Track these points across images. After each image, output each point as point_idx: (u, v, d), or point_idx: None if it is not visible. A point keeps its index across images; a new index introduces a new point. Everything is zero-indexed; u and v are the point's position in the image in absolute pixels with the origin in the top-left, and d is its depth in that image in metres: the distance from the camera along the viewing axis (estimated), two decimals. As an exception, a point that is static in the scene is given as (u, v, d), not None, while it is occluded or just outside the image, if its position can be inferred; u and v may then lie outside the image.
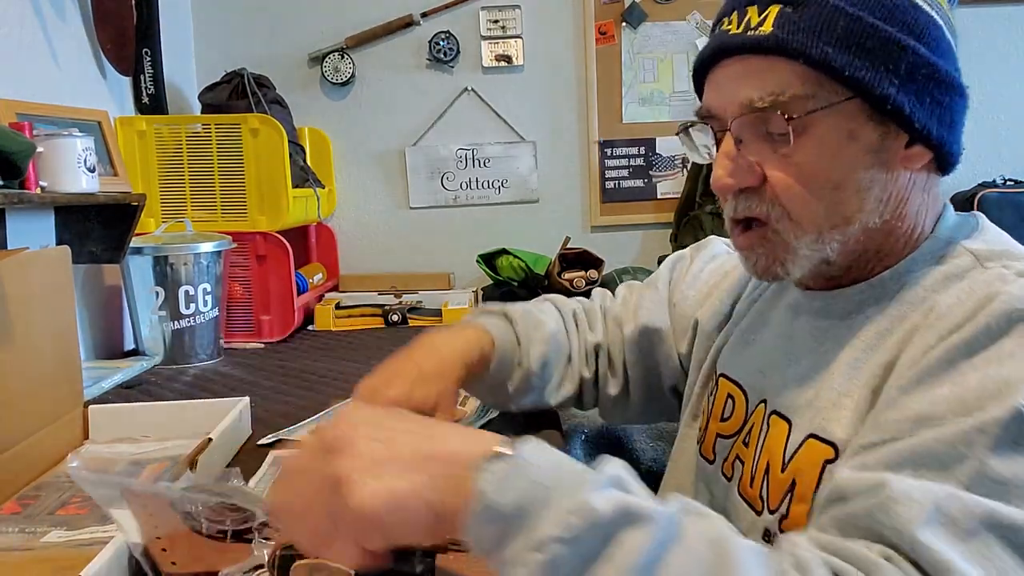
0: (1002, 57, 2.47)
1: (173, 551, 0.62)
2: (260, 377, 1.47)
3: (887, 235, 0.72)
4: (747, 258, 0.75)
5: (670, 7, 2.43)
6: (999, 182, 2.38)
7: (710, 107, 0.73)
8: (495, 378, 0.96)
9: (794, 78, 0.67)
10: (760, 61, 0.68)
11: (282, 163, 1.85)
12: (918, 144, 0.69)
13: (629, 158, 2.48)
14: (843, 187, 0.69)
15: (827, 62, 0.66)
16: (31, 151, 1.21)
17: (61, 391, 0.98)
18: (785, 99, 0.67)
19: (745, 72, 0.69)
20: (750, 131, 0.69)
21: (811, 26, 0.66)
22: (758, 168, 0.70)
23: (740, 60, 0.69)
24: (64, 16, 1.63)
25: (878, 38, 0.66)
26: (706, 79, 0.75)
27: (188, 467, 0.77)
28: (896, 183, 0.71)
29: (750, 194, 0.70)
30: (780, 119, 0.67)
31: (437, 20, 2.40)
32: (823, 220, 0.69)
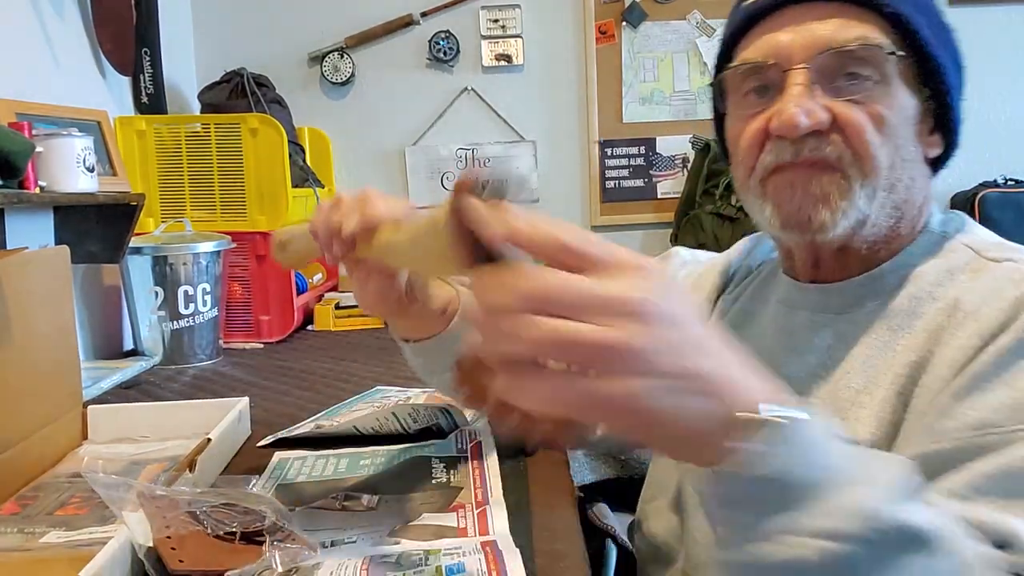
0: (1002, 57, 2.47)
1: (181, 549, 0.62)
2: (259, 377, 1.47)
3: (899, 218, 0.72)
4: (795, 196, 0.69)
5: (670, 6, 2.43)
6: (1000, 182, 2.39)
7: (778, 46, 0.69)
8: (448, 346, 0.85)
9: (875, 27, 0.68)
10: (841, 6, 0.68)
11: (282, 163, 1.85)
12: (938, 131, 0.72)
13: (629, 158, 2.48)
14: (900, 150, 0.69)
15: (908, 18, 0.67)
16: (30, 151, 1.20)
17: (60, 391, 0.97)
18: (872, 44, 0.67)
19: (825, 13, 0.68)
20: (825, 73, 0.67)
21: None
22: (829, 111, 0.67)
23: (817, 6, 0.68)
24: (64, 16, 1.62)
25: (936, 14, 0.70)
26: (755, 29, 0.72)
27: (187, 468, 0.77)
28: (917, 167, 0.71)
29: (819, 136, 0.67)
30: (862, 63, 0.67)
31: (437, 19, 2.39)
32: (885, 176, 0.68)
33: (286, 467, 0.90)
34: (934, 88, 0.69)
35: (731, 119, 0.75)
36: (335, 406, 1.15)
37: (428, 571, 0.62)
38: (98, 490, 0.65)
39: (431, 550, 0.65)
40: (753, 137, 0.71)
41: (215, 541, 0.62)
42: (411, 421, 0.98)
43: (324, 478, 0.86)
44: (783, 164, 0.69)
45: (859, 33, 0.67)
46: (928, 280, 0.70)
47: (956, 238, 0.72)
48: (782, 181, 0.70)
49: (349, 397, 1.20)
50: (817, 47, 0.67)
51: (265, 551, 0.62)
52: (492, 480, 0.82)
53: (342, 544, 0.68)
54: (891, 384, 0.66)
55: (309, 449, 0.96)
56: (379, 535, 0.70)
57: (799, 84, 0.67)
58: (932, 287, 0.69)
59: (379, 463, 0.90)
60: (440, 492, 0.81)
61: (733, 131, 0.75)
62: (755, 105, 0.71)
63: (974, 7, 2.44)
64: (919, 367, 0.65)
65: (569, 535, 0.72)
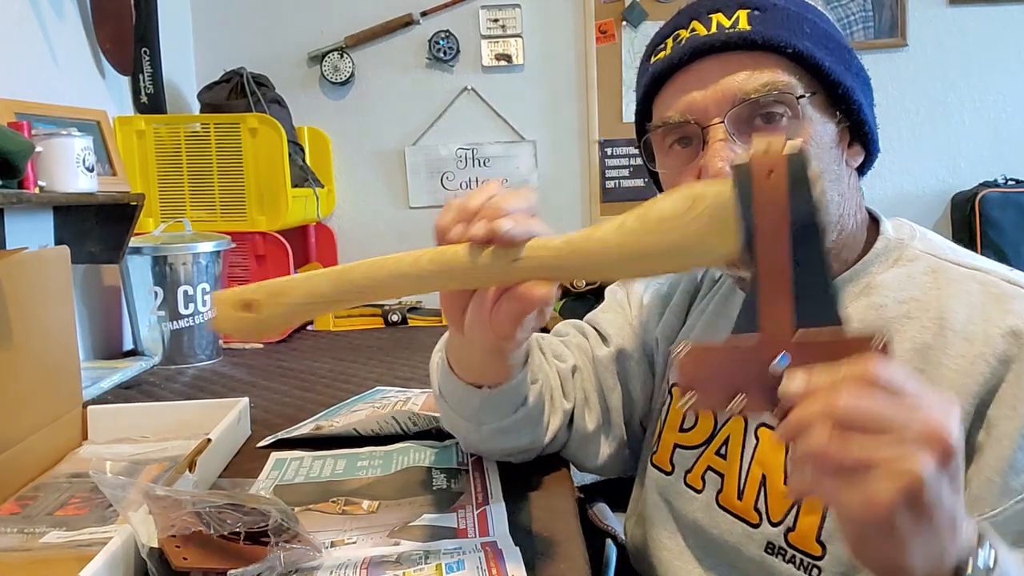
0: (1002, 57, 2.47)
1: (186, 548, 0.62)
2: (259, 377, 1.47)
3: (840, 231, 0.75)
4: None
5: (671, 6, 2.43)
6: (1000, 182, 2.38)
7: (692, 103, 0.71)
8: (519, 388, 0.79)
9: (780, 70, 0.70)
10: (745, 56, 0.71)
11: (281, 163, 1.85)
12: (857, 142, 0.75)
13: (629, 157, 2.48)
14: (824, 174, 0.71)
15: (809, 54, 0.70)
16: (30, 151, 1.20)
17: (60, 391, 0.97)
18: (778, 88, 0.69)
19: (732, 66, 0.71)
20: (741, 123, 0.70)
21: (785, 25, 0.71)
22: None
23: (721, 57, 0.71)
24: (63, 16, 1.62)
25: (833, 40, 0.73)
26: (668, 85, 0.74)
27: (188, 468, 0.77)
28: (846, 179, 0.75)
29: None
30: (774, 106, 0.70)
31: (437, 19, 2.39)
32: None
33: (284, 468, 0.90)
34: (845, 109, 0.73)
35: (663, 173, 0.78)
36: (335, 406, 1.15)
37: (428, 571, 0.62)
38: (104, 490, 0.65)
39: (431, 550, 0.65)
40: None
41: (220, 541, 0.63)
42: (411, 425, 0.98)
43: (322, 479, 0.86)
44: None
45: (766, 79, 0.70)
46: (891, 287, 0.73)
47: (912, 245, 0.76)
48: None
49: (349, 397, 1.20)
50: (729, 100, 0.70)
51: (270, 551, 0.62)
52: (492, 484, 0.82)
53: (342, 544, 0.68)
54: None
55: (307, 450, 0.96)
56: (379, 536, 0.70)
57: (719, 140, 0.70)
58: (895, 292, 0.72)
59: (377, 464, 0.90)
60: (440, 495, 0.81)
61: (667, 183, 0.78)
62: (681, 157, 0.74)
63: (974, 7, 2.44)
64: None
65: (569, 535, 0.72)
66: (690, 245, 0.55)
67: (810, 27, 0.72)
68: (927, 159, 2.47)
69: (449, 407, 0.82)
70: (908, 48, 2.44)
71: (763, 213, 0.52)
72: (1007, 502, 0.62)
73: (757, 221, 0.52)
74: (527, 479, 0.84)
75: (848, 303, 0.74)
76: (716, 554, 0.79)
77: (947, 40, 2.46)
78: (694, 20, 0.73)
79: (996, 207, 2.34)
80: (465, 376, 0.77)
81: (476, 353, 0.74)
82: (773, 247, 0.51)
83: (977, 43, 2.46)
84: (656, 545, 0.84)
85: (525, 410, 0.80)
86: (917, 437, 0.45)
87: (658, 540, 0.84)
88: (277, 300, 0.63)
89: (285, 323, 0.64)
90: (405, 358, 1.56)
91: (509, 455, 0.86)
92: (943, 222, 2.48)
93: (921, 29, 2.44)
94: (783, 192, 0.51)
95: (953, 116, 2.48)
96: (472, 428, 0.82)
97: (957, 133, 2.48)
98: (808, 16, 0.73)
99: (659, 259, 0.57)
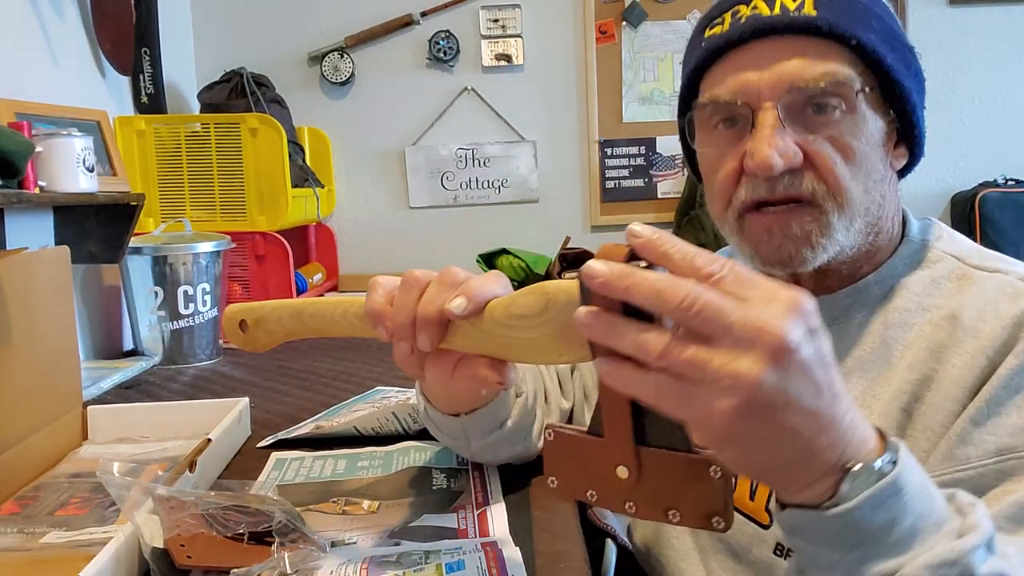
0: (1002, 57, 2.47)
1: (191, 547, 0.63)
2: (259, 377, 1.47)
3: (877, 234, 0.74)
4: (773, 239, 0.70)
5: (670, 6, 2.43)
6: (1000, 181, 2.39)
7: (746, 84, 0.69)
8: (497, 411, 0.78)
9: (842, 60, 0.68)
10: (808, 41, 0.68)
11: (281, 163, 1.85)
12: (903, 144, 0.73)
13: (629, 158, 2.48)
14: (871, 175, 0.70)
15: (872, 48, 0.67)
16: (30, 151, 1.20)
17: (60, 391, 0.97)
18: (838, 79, 0.67)
19: (792, 51, 0.68)
20: (794, 109, 0.68)
21: (852, 14, 0.68)
22: (800, 148, 0.68)
23: (782, 40, 0.68)
24: (63, 16, 1.62)
25: (897, 38, 0.71)
26: (721, 62, 0.71)
27: (188, 468, 0.77)
28: (888, 181, 0.73)
29: (793, 173, 0.68)
30: (830, 97, 0.67)
31: (437, 19, 2.39)
32: (859, 203, 0.70)
33: (284, 468, 0.90)
34: (898, 109, 0.71)
35: (703, 152, 0.76)
36: (335, 406, 1.15)
37: (428, 571, 0.62)
38: (111, 491, 0.66)
39: (431, 550, 0.65)
40: (728, 175, 0.71)
41: (224, 540, 0.63)
42: (411, 421, 0.98)
43: (322, 479, 0.86)
44: (759, 200, 0.70)
45: (824, 70, 0.67)
46: (915, 291, 0.72)
47: (937, 247, 0.75)
48: (758, 225, 0.71)
49: (349, 397, 1.20)
50: (784, 86, 0.68)
51: (274, 551, 0.62)
52: (492, 484, 0.82)
53: (342, 545, 0.68)
54: (893, 399, 0.68)
55: (308, 450, 0.96)
56: (379, 536, 0.70)
57: (769, 125, 0.67)
58: (920, 297, 0.71)
59: (377, 464, 0.90)
60: (440, 495, 0.81)
61: (706, 164, 0.75)
62: (726, 138, 0.72)
63: (974, 7, 2.44)
64: (923, 384, 0.67)
65: (569, 535, 0.72)
66: (547, 346, 0.53)
67: (876, 20, 0.70)
68: (927, 159, 2.44)
69: (435, 428, 0.82)
70: (908, 48, 2.44)
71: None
72: (947, 467, 0.62)
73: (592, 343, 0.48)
74: (527, 479, 0.84)
75: (873, 306, 0.74)
76: (723, 554, 0.79)
77: (947, 40, 2.46)
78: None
79: (996, 207, 2.34)
80: (439, 407, 0.76)
81: (444, 395, 0.74)
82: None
83: (977, 43, 2.46)
84: (663, 544, 0.84)
85: (510, 425, 0.79)
86: (744, 340, 0.42)
87: (666, 539, 0.83)
88: (259, 326, 0.70)
89: (268, 344, 0.72)
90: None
91: (505, 461, 0.86)
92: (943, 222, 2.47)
93: (921, 29, 2.44)
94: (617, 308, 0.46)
95: (953, 116, 2.48)
96: (462, 445, 0.82)
97: (957, 133, 2.48)
98: (875, 9, 0.71)
99: (523, 352, 0.56)
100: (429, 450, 0.93)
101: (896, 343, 0.70)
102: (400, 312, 0.58)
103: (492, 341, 0.56)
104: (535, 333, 0.53)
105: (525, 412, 0.81)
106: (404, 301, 0.59)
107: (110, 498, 0.78)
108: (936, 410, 0.65)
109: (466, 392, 0.66)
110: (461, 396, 0.73)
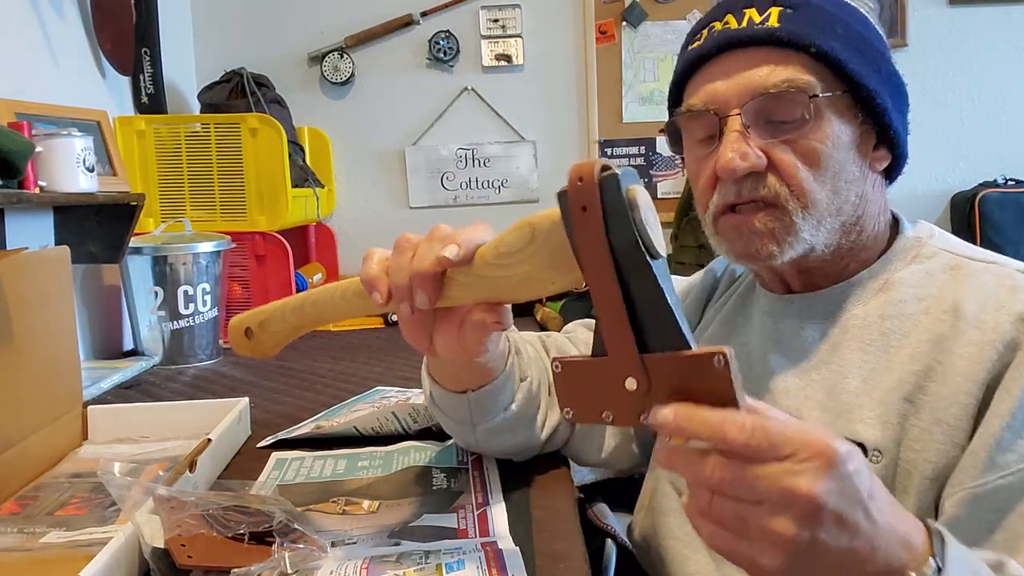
0: (1002, 57, 2.47)
1: (191, 547, 0.63)
2: (259, 377, 1.47)
3: (859, 233, 0.76)
4: (741, 237, 0.74)
5: (670, 6, 2.43)
6: (1000, 181, 2.39)
7: (715, 94, 0.74)
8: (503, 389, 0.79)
9: (803, 67, 0.72)
10: (770, 51, 0.72)
11: (281, 163, 1.85)
12: (883, 147, 0.76)
13: (629, 158, 2.48)
14: (839, 176, 0.73)
15: (834, 54, 0.71)
16: (30, 151, 1.20)
17: (60, 391, 0.97)
18: (798, 85, 0.71)
19: (756, 61, 0.73)
20: (758, 117, 0.72)
21: (815, 24, 0.72)
22: (764, 153, 0.72)
23: (747, 51, 0.73)
24: (63, 16, 1.62)
25: (865, 42, 0.74)
26: (697, 74, 0.77)
27: (188, 468, 0.77)
28: (866, 182, 0.76)
29: (757, 176, 0.72)
30: (791, 103, 0.71)
31: (437, 19, 2.39)
32: (826, 205, 0.73)
33: (284, 468, 0.90)
34: (870, 112, 0.74)
35: (688, 160, 0.81)
36: (335, 406, 1.15)
37: (428, 571, 0.62)
38: (111, 490, 0.66)
39: (431, 550, 0.65)
40: (705, 181, 0.76)
41: (224, 540, 0.63)
42: (411, 421, 0.98)
43: (323, 479, 0.86)
44: (729, 203, 0.74)
45: (786, 76, 0.71)
46: (910, 284, 0.75)
47: (930, 243, 0.78)
48: (728, 225, 0.76)
49: (349, 397, 1.20)
50: (747, 93, 0.72)
51: (274, 551, 0.62)
52: (492, 484, 0.82)
53: (342, 544, 0.68)
54: (894, 389, 0.70)
55: (308, 450, 0.96)
56: (379, 535, 0.70)
57: (735, 131, 0.72)
58: (915, 289, 0.74)
59: (377, 464, 0.90)
60: (440, 495, 0.81)
61: (690, 171, 0.80)
62: (705, 150, 0.76)
63: (974, 7, 2.44)
64: (925, 375, 0.69)
65: (569, 535, 0.72)
66: (540, 276, 0.55)
67: (843, 28, 0.73)
68: (927, 159, 2.47)
69: (441, 413, 0.83)
70: (908, 48, 2.44)
71: (584, 246, 0.51)
72: (989, 476, 0.63)
73: (580, 255, 0.52)
74: (527, 479, 0.84)
75: (868, 299, 0.76)
76: None
77: (947, 40, 2.46)
78: (729, 13, 0.75)
79: (996, 207, 2.34)
80: (447, 385, 0.79)
81: (450, 365, 0.76)
82: (599, 278, 0.51)
83: (977, 43, 2.46)
84: (665, 534, 0.84)
85: (517, 407, 0.80)
86: (779, 504, 0.47)
87: (668, 529, 0.84)
88: (264, 329, 0.71)
89: (275, 347, 0.73)
90: (405, 358, 1.56)
91: (508, 453, 0.87)
92: (943, 222, 2.47)
93: (921, 29, 2.45)
94: (598, 222, 0.50)
95: (953, 116, 2.48)
96: (467, 431, 0.83)
97: (957, 133, 2.48)
98: (843, 17, 0.74)
99: (519, 289, 0.58)
100: (429, 450, 0.93)
101: (894, 334, 0.72)
102: (397, 274, 0.62)
103: (487, 284, 0.59)
104: (526, 266, 0.56)
105: (530, 398, 0.82)
106: (399, 262, 0.62)
107: (110, 498, 0.78)
108: (948, 403, 0.67)
109: (473, 352, 0.68)
110: (468, 369, 0.75)
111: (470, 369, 0.76)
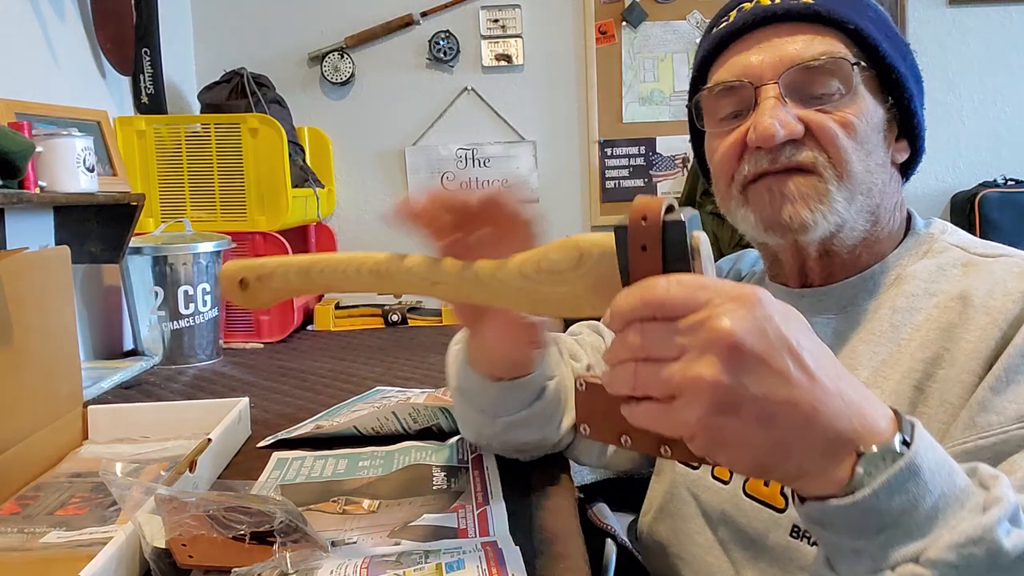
0: (1002, 57, 2.47)
1: (192, 547, 0.63)
2: (259, 377, 1.47)
3: (875, 223, 0.76)
4: (774, 200, 0.72)
5: (670, 6, 2.43)
6: (1000, 182, 2.38)
7: (748, 67, 0.74)
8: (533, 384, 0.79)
9: (838, 42, 0.72)
10: (806, 26, 0.73)
11: (281, 163, 1.85)
12: (903, 139, 0.77)
13: (629, 158, 2.48)
14: (872, 155, 0.73)
15: (868, 34, 0.72)
16: (30, 151, 1.20)
17: (60, 391, 0.97)
18: (836, 58, 0.71)
19: (792, 35, 0.73)
20: (793, 89, 0.72)
21: (849, 4, 0.74)
22: (801, 121, 0.72)
23: (782, 26, 0.73)
24: (64, 16, 1.62)
25: (893, 32, 0.75)
26: (727, 51, 0.77)
27: (188, 468, 0.77)
28: (888, 171, 0.76)
29: (795, 144, 0.72)
30: (829, 76, 0.71)
31: (437, 19, 2.39)
32: (860, 179, 0.72)
33: (285, 467, 0.90)
34: (896, 97, 0.74)
35: (709, 139, 0.80)
36: (335, 406, 1.15)
37: (428, 571, 0.62)
38: (113, 490, 0.66)
39: (431, 550, 0.65)
40: (731, 149, 0.75)
41: (225, 540, 0.63)
42: (411, 421, 0.98)
43: (323, 479, 0.86)
44: (761, 171, 0.73)
45: (823, 48, 0.72)
46: (921, 278, 0.74)
47: (942, 239, 0.78)
48: (760, 187, 0.74)
49: (349, 397, 1.20)
50: (785, 64, 0.72)
51: (275, 551, 0.62)
52: (492, 484, 0.82)
53: (342, 544, 0.69)
54: (904, 378, 0.69)
55: (308, 449, 0.96)
56: (379, 535, 0.70)
57: (771, 98, 0.71)
58: (927, 283, 0.73)
59: (378, 464, 0.90)
60: (440, 494, 0.81)
61: (711, 148, 0.79)
62: (729, 125, 0.76)
63: (974, 7, 2.44)
64: (934, 362, 0.68)
65: (569, 535, 0.72)
66: (580, 297, 0.54)
67: (873, 12, 0.75)
68: (927, 159, 2.44)
69: (464, 399, 0.83)
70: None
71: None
72: (969, 435, 0.62)
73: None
74: (527, 479, 0.84)
75: (881, 292, 0.76)
76: (742, 544, 0.78)
77: (947, 40, 2.46)
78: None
79: (995, 207, 2.34)
80: (483, 370, 0.77)
81: (496, 352, 0.75)
82: None
83: (977, 43, 2.46)
84: (686, 540, 0.83)
85: (541, 404, 0.80)
86: (696, 347, 0.44)
87: (688, 535, 0.83)
88: (262, 284, 0.68)
89: (270, 302, 0.70)
90: (405, 358, 1.56)
91: (520, 451, 0.86)
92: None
93: (921, 29, 2.45)
94: (657, 266, 0.49)
95: (953, 116, 2.48)
96: (487, 421, 0.82)
97: (957, 133, 2.48)
98: (871, 4, 0.76)
99: (554, 307, 0.57)
100: (429, 450, 0.93)
101: (904, 326, 0.72)
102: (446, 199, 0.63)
103: (522, 296, 0.57)
104: (566, 288, 0.55)
105: (555, 395, 0.82)
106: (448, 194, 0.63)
107: (110, 498, 0.78)
108: (953, 383, 0.66)
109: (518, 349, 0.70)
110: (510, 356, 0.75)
111: (512, 358, 0.75)
